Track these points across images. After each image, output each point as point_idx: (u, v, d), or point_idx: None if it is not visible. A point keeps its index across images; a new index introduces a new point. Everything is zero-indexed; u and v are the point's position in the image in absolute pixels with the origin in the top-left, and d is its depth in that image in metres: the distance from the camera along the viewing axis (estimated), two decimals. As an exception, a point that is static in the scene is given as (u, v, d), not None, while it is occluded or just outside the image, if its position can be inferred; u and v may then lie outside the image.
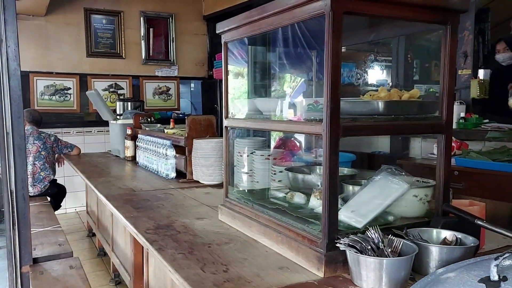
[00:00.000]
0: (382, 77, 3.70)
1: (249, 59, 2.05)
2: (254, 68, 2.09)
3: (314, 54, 3.73)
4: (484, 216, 1.43)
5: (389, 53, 3.70)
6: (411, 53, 3.47)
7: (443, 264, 1.14)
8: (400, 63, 3.52)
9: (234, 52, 2.02)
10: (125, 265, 2.79)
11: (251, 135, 2.16)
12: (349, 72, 4.33)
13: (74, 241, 4.48)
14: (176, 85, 6.42)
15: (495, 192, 2.46)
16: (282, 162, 2.08)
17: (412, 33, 1.97)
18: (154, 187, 2.54)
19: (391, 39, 3.20)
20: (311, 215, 1.38)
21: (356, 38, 1.76)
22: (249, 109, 1.89)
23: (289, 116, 1.65)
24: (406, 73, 3.54)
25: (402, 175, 1.41)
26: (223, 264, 1.27)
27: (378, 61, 2.27)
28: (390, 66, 3.36)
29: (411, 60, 3.50)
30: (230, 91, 2.03)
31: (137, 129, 3.74)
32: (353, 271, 1.14)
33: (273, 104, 1.81)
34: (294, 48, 2.06)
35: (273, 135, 2.25)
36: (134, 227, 1.67)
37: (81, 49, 5.76)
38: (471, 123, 3.19)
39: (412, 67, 3.46)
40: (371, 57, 1.87)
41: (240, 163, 2.10)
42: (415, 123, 1.35)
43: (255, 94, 2.11)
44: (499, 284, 0.85)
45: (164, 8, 6.24)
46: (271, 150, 2.10)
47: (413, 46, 3.25)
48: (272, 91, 2.15)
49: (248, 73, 2.10)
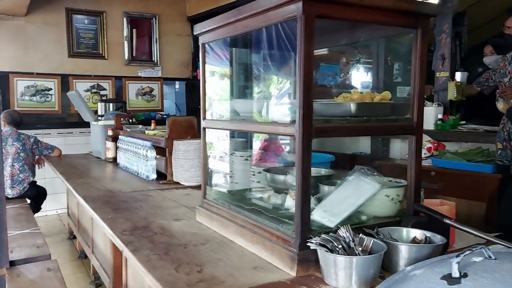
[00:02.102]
0: (364, 79, 3.74)
1: (233, 60, 2.06)
2: (237, 70, 2.11)
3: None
4: (454, 215, 1.47)
5: (370, 55, 3.75)
6: (390, 56, 3.52)
7: (411, 262, 1.17)
8: (380, 66, 3.58)
9: (218, 53, 2.03)
10: (105, 267, 2.77)
11: (236, 136, 2.17)
12: (333, 74, 4.36)
13: (55, 243, 4.43)
14: (160, 86, 6.39)
15: (469, 192, 2.51)
16: (265, 163, 2.09)
17: (389, 35, 2.00)
18: (133, 188, 2.54)
19: (371, 42, 3.24)
20: (286, 215, 1.40)
21: (334, 41, 1.79)
22: (231, 110, 1.90)
23: (276, 118, 1.66)
24: (387, 76, 3.59)
25: (375, 175, 1.44)
26: (197, 265, 1.28)
27: (355, 64, 2.30)
28: (370, 68, 3.40)
29: (390, 63, 3.55)
30: (215, 92, 2.04)
31: (118, 130, 3.72)
32: (324, 270, 1.16)
33: (249, 105, 1.83)
34: (278, 50, 2.07)
35: (259, 136, 2.27)
36: (111, 228, 1.67)
37: (63, 50, 5.69)
38: (449, 124, 3.26)
39: (392, 70, 3.50)
40: (343, 61, 1.89)
41: (220, 164, 2.11)
42: (386, 125, 1.38)
43: (238, 95, 2.12)
44: (460, 280, 0.87)
45: (147, 9, 6.21)
46: (252, 151, 2.11)
47: (392, 49, 3.30)
48: (257, 93, 2.17)
49: (231, 74, 2.11)
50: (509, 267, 0.89)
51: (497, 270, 0.89)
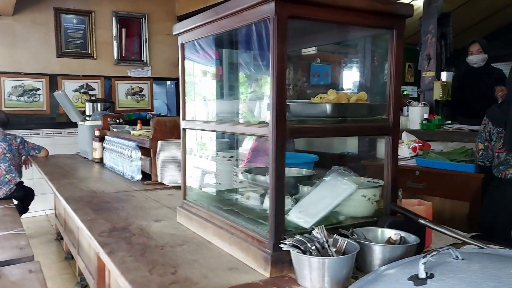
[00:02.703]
0: (351, 79, 3.74)
1: (221, 60, 2.05)
2: (222, 70, 2.10)
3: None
4: (430, 215, 1.47)
5: (356, 55, 3.76)
6: (377, 55, 3.53)
7: (385, 262, 1.17)
8: (367, 66, 3.59)
9: (203, 53, 2.02)
10: (89, 268, 2.75)
11: (219, 137, 2.17)
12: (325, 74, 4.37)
13: (42, 244, 4.40)
14: (150, 86, 6.37)
15: (453, 192, 2.53)
16: (255, 163, 2.09)
17: (369, 36, 2.00)
18: (117, 189, 2.52)
19: (354, 42, 3.24)
20: (262, 216, 1.39)
21: (311, 41, 1.79)
22: (218, 111, 1.89)
23: (267, 118, 1.65)
24: (374, 76, 3.59)
25: (351, 175, 1.44)
26: (172, 266, 1.28)
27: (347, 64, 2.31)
28: (357, 68, 3.40)
29: (377, 63, 3.56)
30: (199, 92, 2.03)
31: (105, 131, 3.70)
32: (297, 271, 1.16)
33: (230, 106, 1.83)
34: (260, 50, 2.07)
35: (248, 137, 2.26)
36: (89, 230, 1.65)
37: (51, 49, 5.65)
38: (434, 124, 3.27)
39: (378, 69, 3.50)
40: (317, 60, 1.89)
41: (202, 164, 2.11)
42: (362, 125, 1.38)
43: (221, 96, 2.11)
44: (426, 281, 0.88)
45: (136, 8, 6.18)
46: (236, 151, 2.11)
47: (378, 49, 3.31)
48: (250, 93, 2.16)
49: (216, 74, 2.10)
50: (475, 268, 0.90)
51: (463, 271, 0.89)
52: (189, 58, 1.80)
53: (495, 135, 2.30)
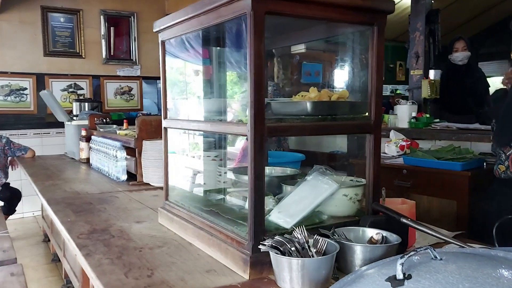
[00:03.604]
0: (342, 78, 3.70)
1: (213, 59, 2.02)
2: (207, 69, 2.07)
3: (276, 54, 3.72)
4: (413, 214, 1.45)
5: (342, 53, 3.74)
6: (356, 53, 3.51)
7: (366, 262, 1.15)
8: (355, 64, 3.57)
9: (185, 51, 1.99)
10: (74, 270, 2.71)
11: (204, 136, 2.13)
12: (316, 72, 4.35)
13: (30, 246, 4.34)
14: (139, 85, 6.31)
15: (440, 190, 2.51)
16: (245, 163, 2.06)
17: (351, 32, 1.98)
18: (101, 190, 2.48)
19: (339, 39, 3.22)
20: (243, 217, 1.37)
21: (291, 39, 1.76)
22: (205, 110, 1.86)
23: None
24: (361, 73, 3.58)
25: (332, 174, 1.42)
26: (149, 269, 1.24)
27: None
28: (339, 66, 3.37)
29: (365, 61, 3.55)
30: (183, 91, 2.00)
31: (92, 130, 3.65)
32: (276, 272, 1.13)
33: (212, 105, 1.80)
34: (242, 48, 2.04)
35: (237, 136, 2.22)
36: (68, 232, 1.62)
37: (38, 48, 5.58)
38: (422, 122, 3.26)
39: (359, 67, 3.49)
40: (296, 58, 1.87)
41: (185, 164, 2.07)
42: (342, 124, 1.36)
43: (206, 95, 2.08)
44: (403, 282, 0.86)
45: (125, 7, 6.12)
46: (222, 151, 2.08)
47: (360, 46, 3.29)
48: (242, 92, 2.12)
49: (202, 73, 2.08)
50: (452, 268, 0.88)
51: (440, 271, 0.87)
52: (171, 55, 1.77)
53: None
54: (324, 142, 4.10)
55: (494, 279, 0.82)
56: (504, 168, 2.06)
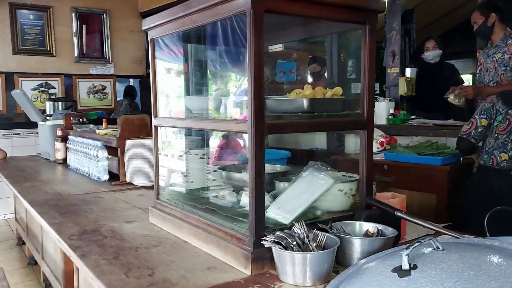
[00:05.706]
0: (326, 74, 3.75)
1: (188, 57, 2.01)
2: (192, 66, 2.06)
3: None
4: (404, 208, 1.50)
5: (324, 52, 3.79)
6: (343, 52, 3.58)
7: (364, 255, 1.18)
8: (334, 62, 3.63)
9: (172, 49, 1.97)
10: (56, 273, 2.64)
11: (191, 135, 2.12)
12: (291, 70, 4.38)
13: (3, 250, 4.20)
14: (113, 84, 6.19)
15: (420, 184, 2.59)
16: (224, 161, 2.06)
17: (342, 31, 2.01)
18: (84, 190, 2.43)
19: (325, 38, 3.27)
20: (241, 213, 1.38)
21: (286, 36, 1.78)
22: (186, 107, 1.85)
23: (235, 115, 1.63)
24: (341, 72, 3.64)
25: (328, 170, 1.45)
26: (149, 268, 1.24)
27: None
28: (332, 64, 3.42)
29: (344, 60, 3.62)
30: (170, 89, 1.98)
31: (68, 130, 3.56)
32: (278, 267, 1.15)
33: (203, 103, 1.79)
34: (234, 46, 2.04)
35: (218, 134, 2.22)
36: (58, 233, 1.58)
37: (7, 46, 5.39)
38: (400, 119, 3.35)
39: (346, 66, 3.56)
40: (293, 56, 1.89)
41: (174, 163, 2.06)
42: (337, 120, 1.39)
43: (192, 92, 2.07)
44: (410, 272, 0.89)
45: (97, 4, 5.99)
46: (208, 149, 2.07)
47: (345, 45, 3.35)
48: (215, 90, 2.12)
49: (186, 71, 2.06)
50: (455, 257, 0.91)
51: (444, 261, 0.90)
52: (161, 54, 1.75)
53: (502, 115, 2.20)
54: (302, 139, 4.15)
55: (496, 266, 0.86)
56: (507, 157, 2.07)
